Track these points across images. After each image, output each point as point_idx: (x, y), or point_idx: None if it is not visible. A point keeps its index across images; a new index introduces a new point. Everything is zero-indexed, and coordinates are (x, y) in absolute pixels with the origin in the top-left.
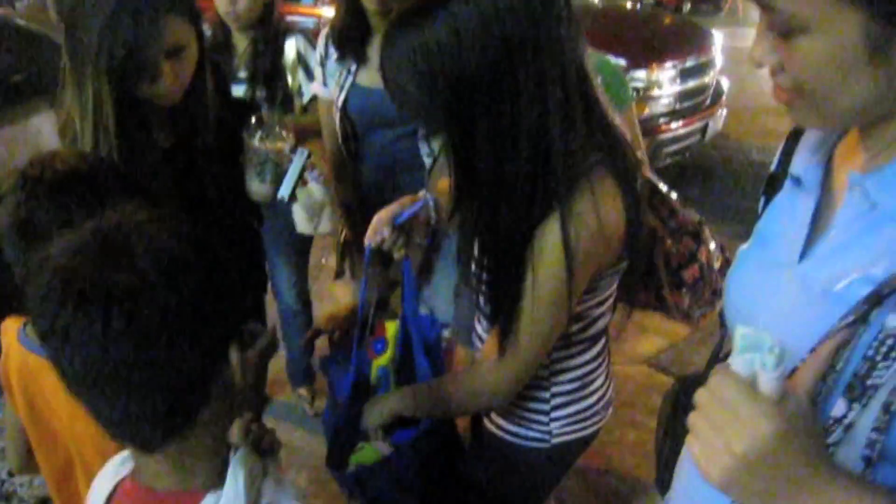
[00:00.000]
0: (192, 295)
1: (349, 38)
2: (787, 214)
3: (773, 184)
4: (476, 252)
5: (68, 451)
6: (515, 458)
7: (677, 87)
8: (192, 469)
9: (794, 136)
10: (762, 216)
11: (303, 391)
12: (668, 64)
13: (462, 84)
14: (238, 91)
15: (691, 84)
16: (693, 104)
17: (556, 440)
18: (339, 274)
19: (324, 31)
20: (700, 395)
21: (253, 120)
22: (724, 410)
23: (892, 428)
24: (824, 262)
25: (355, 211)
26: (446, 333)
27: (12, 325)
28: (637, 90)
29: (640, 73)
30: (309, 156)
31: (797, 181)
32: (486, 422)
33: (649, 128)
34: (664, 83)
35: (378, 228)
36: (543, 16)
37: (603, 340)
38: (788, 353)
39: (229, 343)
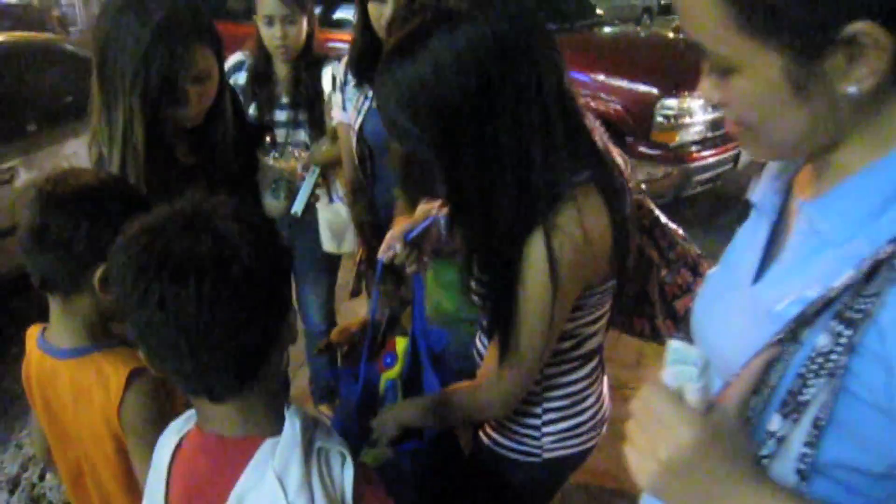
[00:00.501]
0: (269, 259)
1: (365, 64)
2: (749, 239)
3: (747, 210)
4: (473, 268)
5: (78, 453)
6: (508, 472)
7: (709, 116)
8: (253, 417)
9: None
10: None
11: (324, 408)
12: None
13: (444, 114)
14: (281, 115)
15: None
16: (725, 132)
17: (547, 455)
18: (355, 292)
19: (344, 59)
20: (634, 405)
21: (267, 140)
22: (652, 419)
23: (821, 443)
24: (773, 284)
25: (371, 230)
26: None
27: (34, 331)
28: (668, 118)
29: (671, 102)
30: (320, 174)
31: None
32: (482, 436)
33: (680, 156)
34: (696, 111)
35: (390, 244)
36: (517, 48)
37: (595, 360)
38: (713, 366)
39: (290, 304)
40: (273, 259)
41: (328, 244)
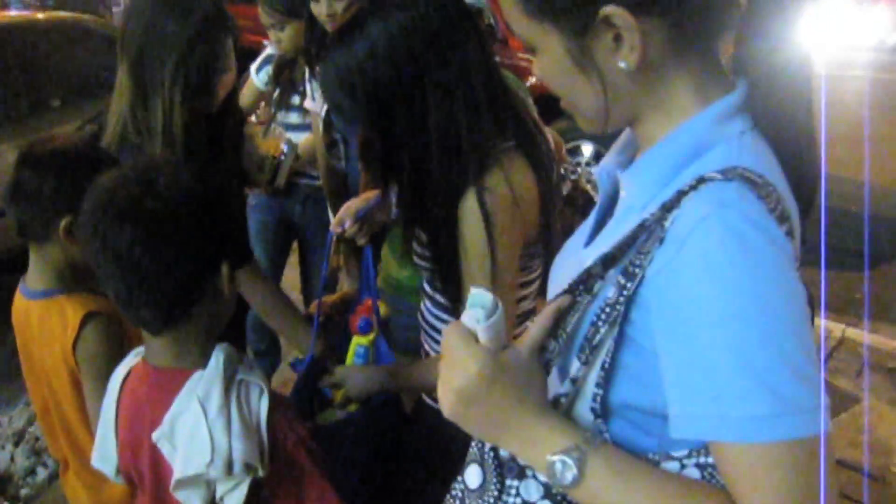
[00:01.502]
0: (195, 218)
1: (317, 56)
2: (595, 209)
3: None
4: (414, 234)
5: (44, 387)
6: (444, 427)
7: None
8: (185, 352)
9: None
10: None
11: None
12: None
13: (379, 91)
14: (296, 100)
15: None
16: None
17: None
18: (334, 270)
19: None
20: (442, 344)
21: (254, 119)
22: (451, 354)
23: (609, 384)
24: (594, 247)
25: None
26: None
27: (22, 279)
28: None
29: None
30: (295, 150)
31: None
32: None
33: None
34: None
35: (341, 220)
36: (444, 30)
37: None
38: (500, 308)
39: (221, 259)
40: (203, 220)
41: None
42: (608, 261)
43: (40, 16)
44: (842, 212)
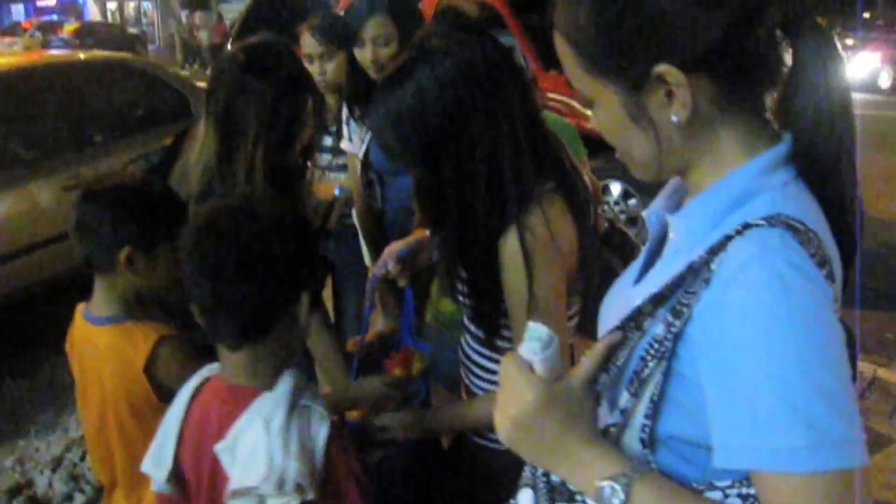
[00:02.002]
0: (287, 246)
1: (356, 98)
2: (645, 250)
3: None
4: (454, 272)
5: (102, 407)
6: (486, 462)
7: None
8: (257, 371)
9: None
10: None
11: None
12: None
13: (427, 135)
14: (328, 141)
15: None
16: None
17: None
18: (370, 306)
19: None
20: (500, 374)
21: (308, 164)
22: (508, 383)
23: (657, 416)
24: (644, 285)
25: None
26: None
27: (82, 305)
28: None
29: None
30: (347, 194)
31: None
32: None
33: None
34: None
35: (384, 261)
36: (488, 76)
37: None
38: (555, 341)
39: (302, 289)
40: (291, 249)
41: (369, 259)
42: (657, 300)
43: (82, 55)
44: (873, 253)
